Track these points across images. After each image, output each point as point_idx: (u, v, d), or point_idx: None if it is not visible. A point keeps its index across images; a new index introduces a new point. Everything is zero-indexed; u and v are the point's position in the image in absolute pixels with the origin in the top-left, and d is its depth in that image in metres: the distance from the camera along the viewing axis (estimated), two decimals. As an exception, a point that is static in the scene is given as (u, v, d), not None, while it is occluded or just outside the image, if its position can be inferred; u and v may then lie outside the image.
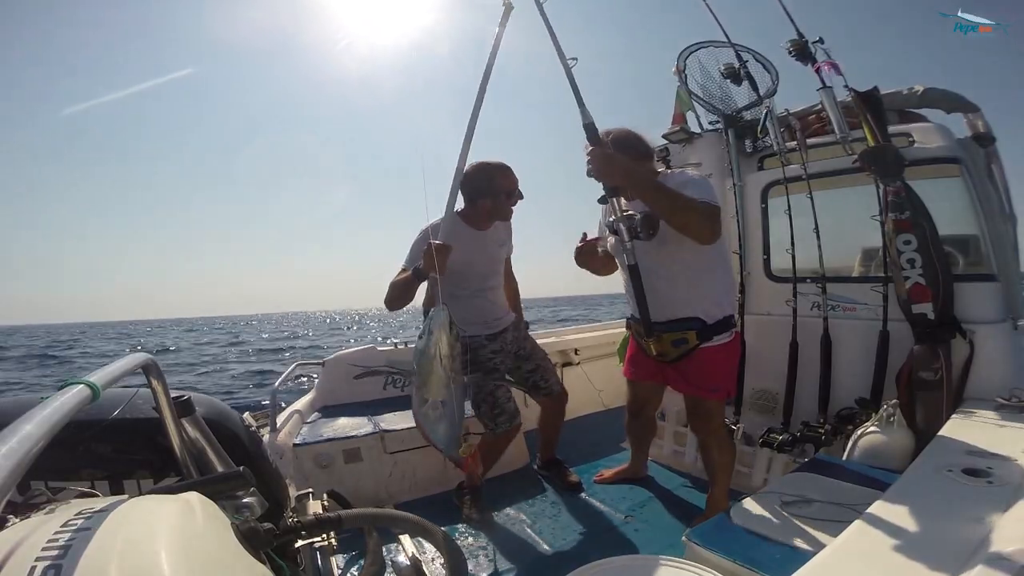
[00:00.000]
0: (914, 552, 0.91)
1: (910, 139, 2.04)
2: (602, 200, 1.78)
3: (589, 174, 1.62)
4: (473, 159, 1.91)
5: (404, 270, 1.89)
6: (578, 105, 1.61)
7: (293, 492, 1.49)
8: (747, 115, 2.47)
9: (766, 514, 1.32)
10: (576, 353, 3.42)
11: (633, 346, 2.10)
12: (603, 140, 1.63)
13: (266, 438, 2.15)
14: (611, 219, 1.69)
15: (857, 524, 1.02)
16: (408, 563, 1.43)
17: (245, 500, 0.87)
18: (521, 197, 2.04)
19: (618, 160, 1.58)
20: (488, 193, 1.96)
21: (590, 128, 1.60)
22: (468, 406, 1.98)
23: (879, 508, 1.07)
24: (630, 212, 1.64)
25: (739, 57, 2.39)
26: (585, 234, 1.93)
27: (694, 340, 1.76)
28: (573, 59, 1.63)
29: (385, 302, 1.88)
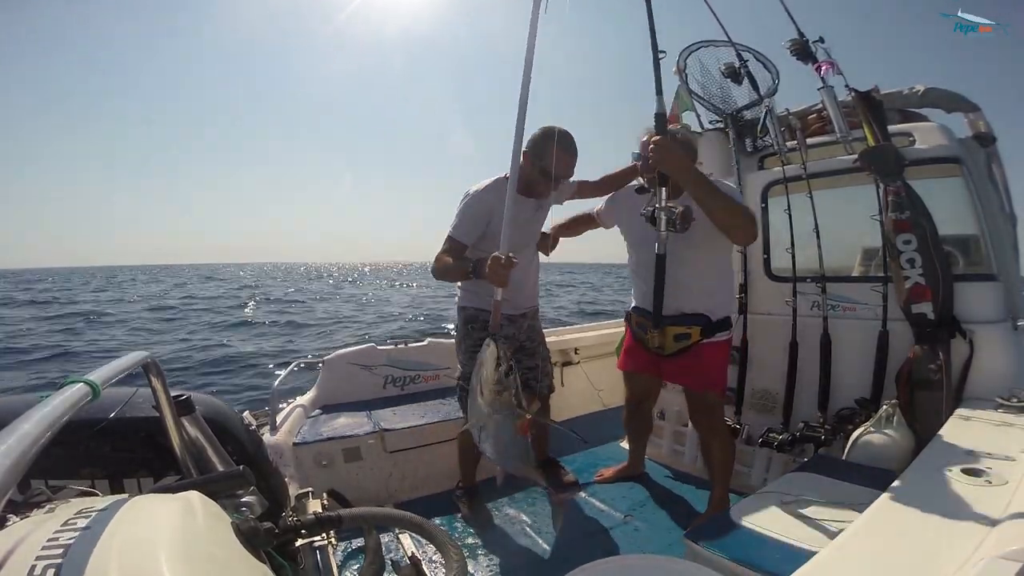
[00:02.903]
0: (914, 552, 0.91)
1: (910, 139, 2.03)
2: (642, 190, 1.84)
3: (644, 159, 1.69)
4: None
5: (452, 241, 1.85)
6: (656, 94, 1.62)
7: (293, 491, 1.49)
8: (747, 114, 2.47)
9: (766, 514, 1.32)
10: (576, 352, 3.42)
11: (630, 338, 2.11)
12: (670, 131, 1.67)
13: (266, 437, 2.15)
14: (650, 208, 1.70)
15: (857, 524, 1.02)
16: (408, 562, 1.43)
17: (245, 499, 0.87)
18: (556, 188, 1.97)
19: (679, 152, 1.63)
20: (540, 159, 1.84)
21: (660, 118, 1.64)
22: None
23: (879, 508, 1.07)
24: (671, 204, 1.67)
25: (739, 56, 2.38)
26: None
27: (696, 336, 1.82)
28: (662, 52, 1.62)
29: (433, 272, 1.88)
